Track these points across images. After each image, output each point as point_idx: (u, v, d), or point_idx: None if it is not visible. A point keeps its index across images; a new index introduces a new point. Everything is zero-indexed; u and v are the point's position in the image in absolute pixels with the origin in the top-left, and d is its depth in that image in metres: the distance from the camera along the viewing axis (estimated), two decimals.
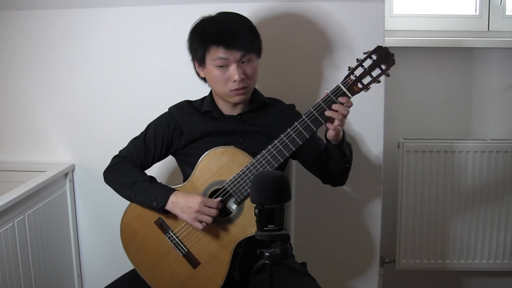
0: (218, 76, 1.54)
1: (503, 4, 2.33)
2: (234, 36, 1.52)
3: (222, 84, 1.55)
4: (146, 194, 1.55)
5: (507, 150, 2.25)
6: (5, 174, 2.07)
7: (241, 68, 1.53)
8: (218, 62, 1.52)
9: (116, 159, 1.67)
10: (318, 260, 2.00)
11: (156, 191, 1.55)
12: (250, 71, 1.55)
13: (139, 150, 1.65)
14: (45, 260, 1.92)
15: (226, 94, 1.57)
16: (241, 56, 1.52)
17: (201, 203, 1.49)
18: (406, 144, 2.27)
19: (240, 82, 1.53)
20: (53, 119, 2.09)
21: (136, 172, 1.61)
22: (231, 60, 1.52)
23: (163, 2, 1.96)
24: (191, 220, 1.50)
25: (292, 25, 1.93)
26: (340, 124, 1.44)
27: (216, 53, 1.52)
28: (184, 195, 1.52)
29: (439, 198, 2.29)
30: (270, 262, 1.14)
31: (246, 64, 1.54)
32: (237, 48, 1.51)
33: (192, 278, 1.56)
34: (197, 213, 1.49)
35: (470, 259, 2.34)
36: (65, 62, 2.04)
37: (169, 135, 1.65)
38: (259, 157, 1.48)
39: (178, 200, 1.52)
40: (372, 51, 1.44)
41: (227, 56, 1.51)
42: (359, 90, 1.45)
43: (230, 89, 1.54)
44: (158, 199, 1.53)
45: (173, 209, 1.53)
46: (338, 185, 1.68)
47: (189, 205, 1.50)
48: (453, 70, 2.35)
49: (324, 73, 1.96)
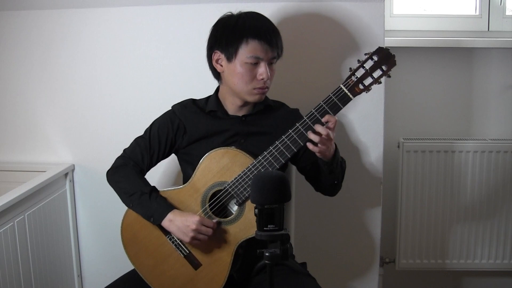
0: (245, 72, 1.52)
1: (503, 4, 2.34)
2: (274, 35, 1.53)
3: (247, 81, 1.53)
4: (143, 208, 1.55)
5: (507, 150, 2.25)
6: (5, 174, 2.07)
7: (268, 68, 1.53)
8: (250, 60, 1.51)
9: (121, 160, 1.66)
10: (318, 260, 2.00)
11: (154, 207, 1.54)
12: (273, 73, 1.57)
13: (144, 150, 1.64)
14: (45, 260, 1.92)
15: (246, 92, 1.55)
16: (273, 56, 1.53)
17: (199, 222, 1.49)
18: (406, 144, 2.27)
19: (266, 81, 1.53)
20: (53, 119, 2.09)
21: (137, 181, 1.60)
22: (264, 59, 1.52)
23: (163, 2, 1.96)
24: (189, 240, 1.50)
25: (292, 25, 1.93)
26: (320, 150, 1.44)
27: (254, 47, 1.50)
28: (181, 214, 1.52)
29: (439, 198, 2.29)
30: (270, 262, 1.14)
31: (271, 65, 1.55)
32: (272, 48, 1.52)
33: (193, 280, 1.55)
34: (194, 232, 1.49)
35: (470, 259, 2.34)
36: (65, 62, 2.04)
37: (172, 135, 1.64)
38: (260, 158, 1.48)
39: (175, 219, 1.51)
40: (373, 52, 1.44)
41: (262, 55, 1.51)
42: (360, 91, 1.45)
43: (254, 86, 1.54)
44: (155, 216, 1.53)
45: (169, 226, 1.52)
46: (328, 195, 1.68)
47: (186, 224, 1.49)
48: (453, 70, 2.35)
49: (324, 73, 1.96)
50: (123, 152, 1.68)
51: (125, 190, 1.59)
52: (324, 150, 1.45)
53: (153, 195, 1.56)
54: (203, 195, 1.54)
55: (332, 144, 1.47)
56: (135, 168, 1.63)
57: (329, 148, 1.46)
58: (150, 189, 1.57)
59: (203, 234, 1.49)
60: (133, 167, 1.63)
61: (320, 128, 1.43)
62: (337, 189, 1.65)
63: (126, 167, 1.63)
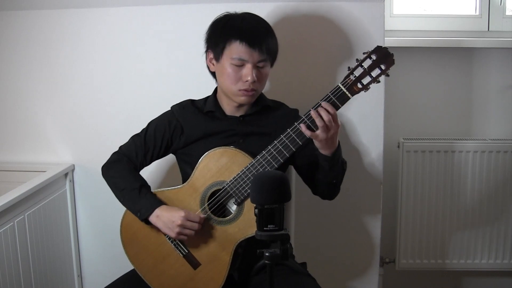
0: (231, 73, 1.53)
1: (503, 4, 2.34)
2: (259, 37, 1.52)
3: (232, 82, 1.54)
4: (132, 203, 1.56)
5: (507, 150, 2.25)
6: (5, 174, 2.07)
7: (255, 70, 1.53)
8: (235, 62, 1.51)
9: (115, 156, 1.68)
10: (318, 260, 2.00)
11: (141, 203, 1.55)
12: (262, 76, 1.55)
13: (139, 148, 1.65)
14: (45, 260, 1.92)
15: (233, 93, 1.56)
16: (260, 59, 1.52)
17: (184, 217, 1.50)
18: (406, 144, 2.27)
19: (251, 84, 1.52)
20: (53, 119, 2.09)
21: (129, 177, 1.61)
22: (249, 61, 1.51)
23: (163, 2, 1.96)
24: (175, 234, 1.51)
25: (291, 25, 1.93)
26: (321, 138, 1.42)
27: (238, 49, 1.50)
28: (168, 209, 1.53)
29: (439, 198, 2.29)
30: (270, 262, 1.14)
31: (260, 68, 1.54)
32: (258, 50, 1.51)
33: (192, 279, 1.56)
34: (179, 227, 1.50)
35: (470, 259, 2.34)
36: (65, 62, 2.04)
37: (169, 135, 1.65)
38: (259, 158, 1.48)
39: (162, 214, 1.52)
40: (371, 51, 1.44)
41: (246, 57, 1.50)
42: (358, 90, 1.45)
43: (239, 88, 1.54)
44: (142, 211, 1.54)
45: (156, 222, 1.53)
46: (326, 198, 1.67)
47: (172, 220, 1.50)
48: (453, 70, 2.35)
49: (324, 73, 1.96)
50: (118, 149, 1.69)
51: (117, 185, 1.61)
52: (324, 139, 1.43)
53: (143, 191, 1.57)
54: (202, 194, 1.54)
55: (334, 138, 1.46)
56: (129, 164, 1.64)
57: (331, 140, 1.45)
58: (140, 184, 1.59)
59: (189, 229, 1.50)
60: (126, 163, 1.64)
61: (324, 112, 1.42)
62: (335, 191, 1.64)
63: (120, 162, 1.65)
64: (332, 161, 1.51)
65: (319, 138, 1.43)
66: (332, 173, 1.55)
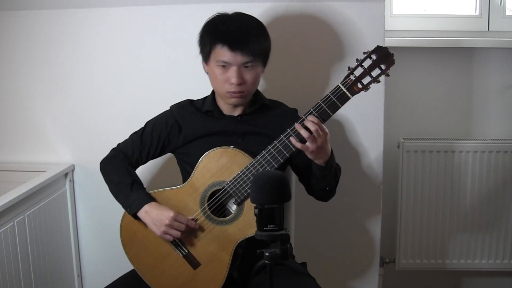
0: (218, 75, 1.54)
1: (503, 4, 2.34)
2: (242, 39, 1.51)
3: (220, 84, 1.55)
4: (123, 198, 1.58)
5: (507, 150, 2.25)
6: (5, 174, 2.07)
7: (241, 72, 1.52)
8: (220, 64, 1.53)
9: (113, 152, 1.70)
10: (318, 260, 2.00)
11: (133, 197, 1.56)
12: (251, 77, 1.54)
13: (135, 146, 1.66)
14: (45, 260, 1.92)
15: (222, 94, 1.58)
16: (245, 61, 1.51)
17: (173, 218, 1.50)
18: (406, 144, 2.27)
19: (237, 86, 1.52)
20: (53, 119, 2.09)
21: (124, 173, 1.62)
22: (232, 63, 1.51)
23: (163, 2, 1.96)
24: (161, 233, 1.52)
25: (291, 25, 1.93)
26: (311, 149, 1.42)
27: (220, 52, 1.51)
28: (158, 207, 1.53)
29: (439, 198, 2.29)
30: (270, 262, 1.14)
31: (248, 69, 1.54)
32: (241, 52, 1.50)
33: (192, 279, 1.56)
34: (166, 227, 1.50)
35: (470, 259, 2.34)
36: (65, 62, 2.04)
37: (166, 134, 1.65)
38: (259, 158, 1.48)
39: (151, 211, 1.53)
40: (371, 51, 1.44)
41: (229, 60, 1.51)
42: (358, 90, 1.45)
43: (226, 90, 1.55)
44: (133, 206, 1.55)
45: (144, 218, 1.54)
46: (321, 200, 1.68)
47: (160, 218, 1.51)
48: (453, 70, 2.35)
49: (324, 73, 1.96)
50: (116, 145, 1.70)
51: (111, 180, 1.63)
52: (314, 150, 1.43)
53: (135, 186, 1.59)
54: (202, 194, 1.54)
55: (325, 147, 1.45)
56: (124, 160, 1.65)
57: (321, 150, 1.45)
58: (132, 179, 1.60)
59: (176, 230, 1.51)
60: (122, 159, 1.66)
61: (309, 124, 1.42)
62: (329, 195, 1.65)
63: (116, 158, 1.66)
64: (325, 171, 1.51)
65: (309, 150, 1.43)
66: (325, 180, 1.55)
